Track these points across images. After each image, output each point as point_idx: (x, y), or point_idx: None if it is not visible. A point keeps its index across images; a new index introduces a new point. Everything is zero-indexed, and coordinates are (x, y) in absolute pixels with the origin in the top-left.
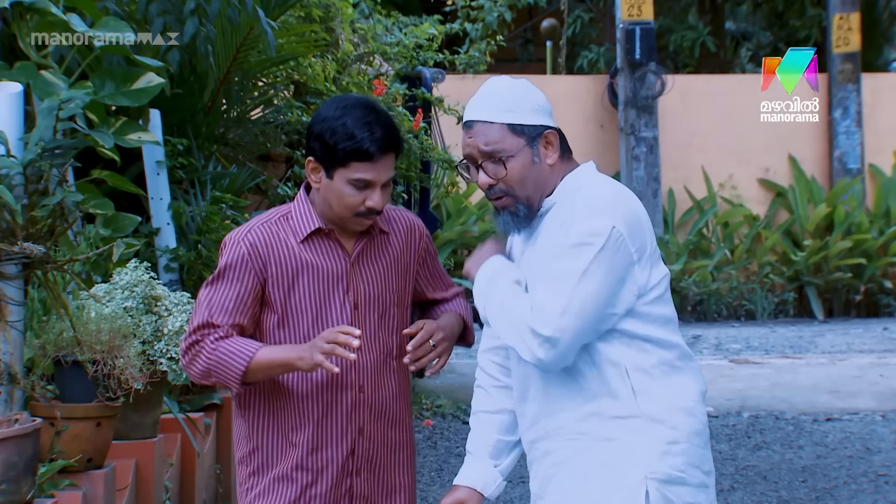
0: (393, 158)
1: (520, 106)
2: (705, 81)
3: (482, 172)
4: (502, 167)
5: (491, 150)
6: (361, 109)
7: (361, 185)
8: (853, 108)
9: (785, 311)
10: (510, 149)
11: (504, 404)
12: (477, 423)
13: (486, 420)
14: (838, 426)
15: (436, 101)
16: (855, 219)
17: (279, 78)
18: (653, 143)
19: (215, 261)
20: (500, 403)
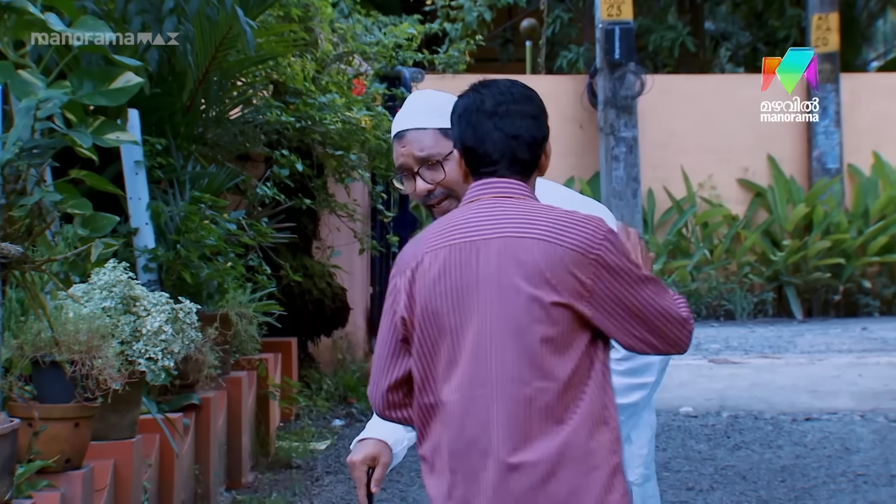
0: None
1: (448, 111)
2: (685, 81)
3: (419, 180)
4: (440, 170)
5: (427, 155)
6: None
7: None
8: (832, 108)
9: (764, 310)
10: (445, 151)
11: None
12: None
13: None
14: (817, 426)
15: None
16: (834, 219)
17: (258, 77)
18: (632, 143)
19: (194, 261)
20: None
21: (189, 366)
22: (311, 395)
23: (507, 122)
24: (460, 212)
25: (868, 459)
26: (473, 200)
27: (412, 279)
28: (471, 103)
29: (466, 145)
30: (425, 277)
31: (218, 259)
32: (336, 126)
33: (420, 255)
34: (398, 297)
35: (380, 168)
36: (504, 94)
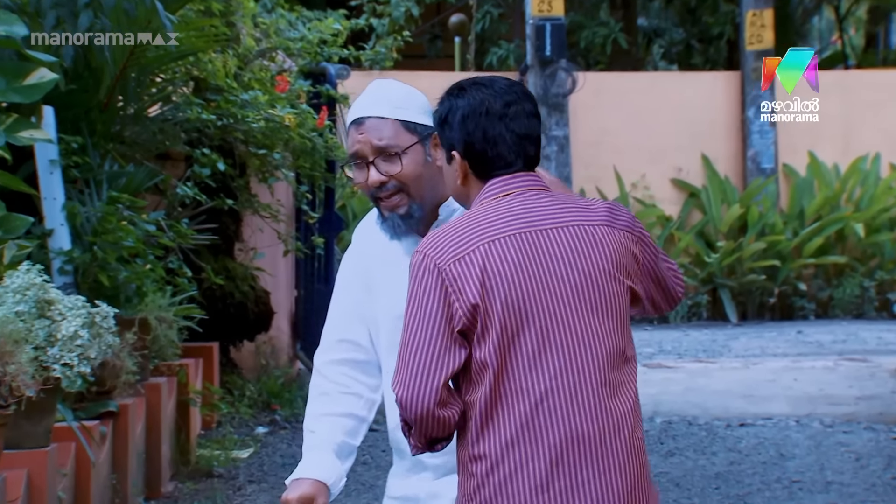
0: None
1: (410, 105)
2: (617, 79)
3: (373, 170)
4: (397, 163)
5: (385, 145)
6: None
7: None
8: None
9: (698, 314)
10: (404, 144)
11: (351, 409)
12: (321, 424)
13: (332, 421)
14: (752, 432)
15: (341, 99)
16: (769, 220)
17: (178, 74)
18: (563, 142)
19: (112, 263)
20: (347, 408)
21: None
22: (234, 402)
23: (517, 123)
24: (499, 205)
25: (803, 466)
26: (507, 194)
27: (483, 267)
28: (476, 105)
29: (476, 149)
30: (503, 264)
31: (136, 261)
32: (259, 124)
33: (474, 246)
34: (458, 286)
35: (304, 167)
36: (509, 94)
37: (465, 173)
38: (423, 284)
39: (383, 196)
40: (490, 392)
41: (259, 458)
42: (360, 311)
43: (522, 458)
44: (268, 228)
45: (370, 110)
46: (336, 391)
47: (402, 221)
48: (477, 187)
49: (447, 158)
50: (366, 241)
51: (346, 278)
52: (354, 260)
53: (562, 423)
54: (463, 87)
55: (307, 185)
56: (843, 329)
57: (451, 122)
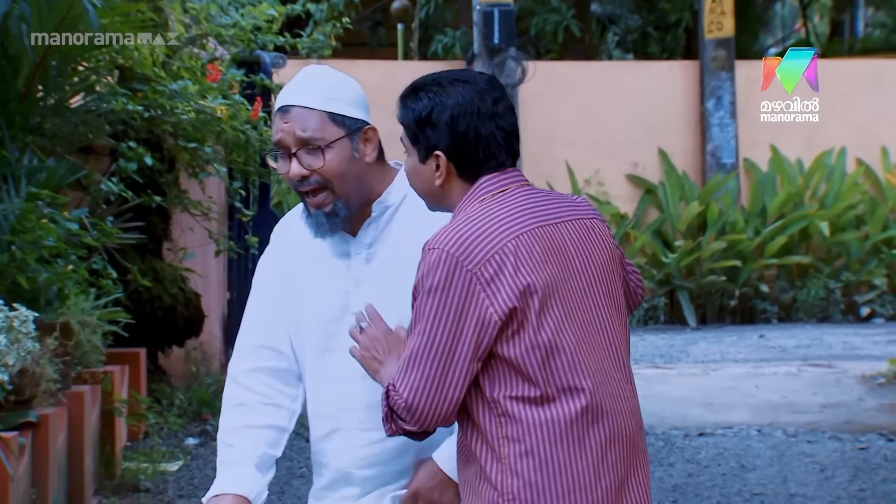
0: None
1: (341, 95)
2: (570, 68)
3: (295, 162)
4: (320, 157)
5: (308, 137)
6: None
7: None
8: (727, 97)
9: (655, 317)
10: (329, 137)
11: (273, 421)
12: (240, 436)
13: (253, 434)
14: (711, 441)
15: (276, 89)
16: (729, 217)
17: (102, 62)
18: None
19: (31, 264)
20: (268, 419)
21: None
22: (162, 412)
23: (505, 120)
24: (502, 200)
25: (765, 477)
26: (503, 191)
27: (516, 265)
28: (467, 104)
29: (467, 150)
30: (531, 260)
31: (58, 262)
32: (189, 116)
33: (502, 243)
34: (492, 289)
35: (238, 162)
36: (494, 90)
37: (447, 174)
38: (449, 287)
39: (306, 190)
40: (532, 389)
41: (189, 471)
42: (280, 315)
43: (571, 455)
44: (198, 227)
45: (297, 98)
46: (256, 402)
47: (326, 220)
48: (460, 188)
49: (421, 158)
50: (287, 240)
51: (264, 279)
52: (274, 260)
53: (606, 421)
54: (441, 82)
55: (240, 180)
56: (808, 333)
57: (438, 123)
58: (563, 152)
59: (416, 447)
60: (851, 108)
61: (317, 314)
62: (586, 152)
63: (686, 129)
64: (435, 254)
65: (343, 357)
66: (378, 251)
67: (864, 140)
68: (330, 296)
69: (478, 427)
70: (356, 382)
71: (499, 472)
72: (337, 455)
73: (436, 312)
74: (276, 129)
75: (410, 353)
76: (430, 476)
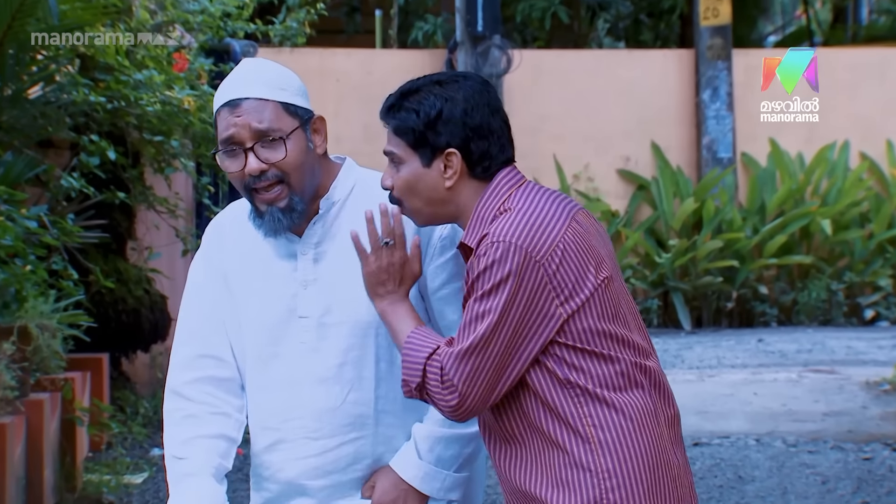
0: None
1: (289, 86)
2: (558, 57)
3: (252, 156)
4: (279, 149)
5: (266, 129)
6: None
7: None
8: (724, 88)
9: (648, 320)
10: (287, 129)
11: (223, 430)
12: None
13: (206, 444)
14: (707, 452)
15: None
16: (726, 215)
17: (62, 50)
18: None
19: None
20: (219, 429)
21: None
22: (126, 421)
23: (503, 112)
24: (532, 193)
25: (764, 490)
26: (520, 185)
27: (578, 254)
28: (478, 96)
29: (483, 145)
30: (587, 250)
31: (15, 262)
32: (154, 107)
33: (562, 233)
34: (559, 280)
35: (206, 156)
36: (489, 85)
37: (460, 173)
38: (521, 279)
39: (261, 187)
40: (607, 367)
41: (155, 483)
42: (219, 322)
43: (654, 429)
44: (165, 225)
45: (247, 90)
46: (204, 412)
47: (283, 216)
48: (471, 188)
49: (426, 161)
50: (221, 242)
51: (199, 284)
52: (208, 263)
53: (670, 398)
54: (439, 81)
55: (209, 176)
56: (809, 337)
57: (450, 118)
58: (551, 146)
59: (372, 454)
60: (855, 99)
61: (260, 319)
62: (575, 146)
63: (680, 121)
64: (502, 246)
65: (290, 363)
66: (327, 250)
67: (869, 133)
68: (275, 299)
69: (554, 411)
70: (304, 389)
71: (589, 452)
72: (283, 467)
73: (506, 305)
74: (226, 125)
75: (468, 346)
76: (392, 487)
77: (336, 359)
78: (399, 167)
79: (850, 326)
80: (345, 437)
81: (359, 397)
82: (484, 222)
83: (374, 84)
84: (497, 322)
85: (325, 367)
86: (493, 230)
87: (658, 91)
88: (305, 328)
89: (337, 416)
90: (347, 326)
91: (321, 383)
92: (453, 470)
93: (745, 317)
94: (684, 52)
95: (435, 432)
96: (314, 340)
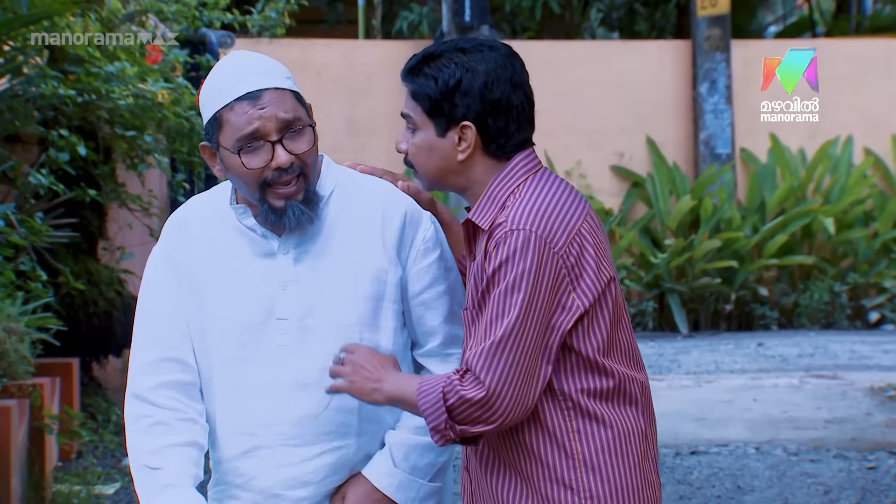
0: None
1: (290, 74)
2: (548, 48)
3: (281, 149)
4: (303, 139)
5: (292, 119)
6: None
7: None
8: (722, 81)
9: (643, 323)
10: (306, 119)
11: (193, 437)
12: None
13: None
14: (705, 460)
15: None
16: (724, 213)
17: (30, 41)
18: None
19: None
20: (190, 436)
21: None
22: (97, 428)
23: (529, 90)
24: (548, 180)
25: (764, 500)
26: (537, 170)
27: (595, 248)
28: (501, 69)
29: (500, 121)
30: (602, 244)
31: None
32: (127, 101)
33: (579, 223)
34: (576, 273)
35: (181, 152)
36: (518, 58)
37: (474, 148)
38: (542, 270)
39: (283, 181)
40: (603, 380)
41: (128, 493)
42: (182, 323)
43: (641, 448)
44: (138, 224)
45: (264, 81)
46: (174, 419)
47: (306, 208)
48: (484, 165)
49: (440, 131)
50: (185, 238)
51: (159, 283)
52: (170, 261)
53: (653, 417)
54: (463, 48)
55: (184, 172)
56: (811, 341)
57: (469, 90)
58: (542, 141)
59: (350, 465)
60: (859, 92)
61: (232, 320)
62: (567, 141)
63: (677, 115)
64: (522, 235)
65: (267, 366)
66: (308, 249)
67: (873, 128)
68: (250, 300)
69: (541, 423)
70: (283, 394)
71: (571, 468)
72: (259, 475)
73: (530, 296)
74: (248, 119)
75: (498, 340)
76: (364, 497)
77: (318, 363)
78: (414, 132)
79: (854, 329)
80: (326, 446)
81: (342, 404)
82: (496, 203)
83: (357, 76)
84: (523, 314)
85: (307, 371)
86: (510, 217)
87: (653, 84)
88: (284, 330)
89: (318, 423)
90: (331, 330)
91: (302, 388)
92: (427, 479)
93: (745, 319)
94: (681, 43)
95: (409, 440)
96: (294, 343)
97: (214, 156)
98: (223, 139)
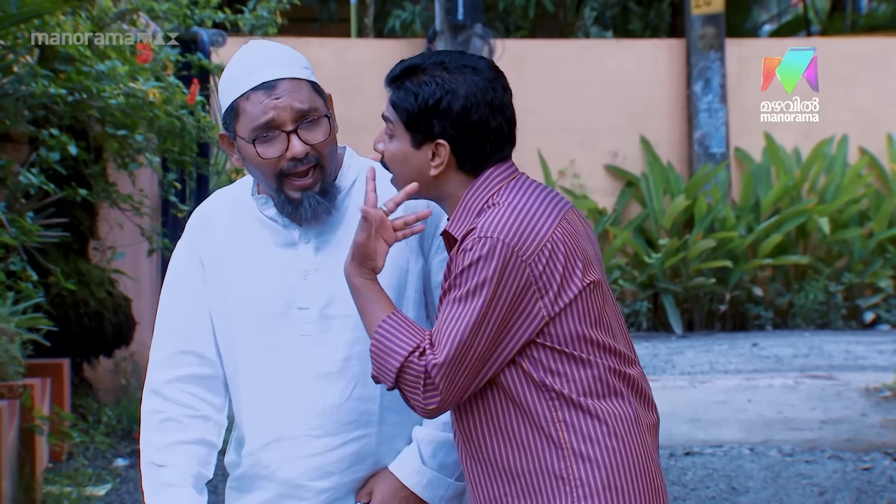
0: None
1: (308, 64)
2: (542, 47)
3: (296, 139)
4: (319, 129)
5: (308, 108)
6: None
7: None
8: (716, 80)
9: (637, 323)
10: (323, 110)
11: (203, 435)
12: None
13: (186, 451)
14: (699, 462)
15: (215, 70)
16: (719, 213)
17: (20, 40)
18: None
19: None
20: (199, 434)
21: None
22: (88, 430)
23: (510, 111)
24: (523, 188)
25: (758, 501)
26: (512, 177)
27: (566, 256)
28: (480, 94)
29: (477, 143)
30: (575, 250)
31: None
32: (118, 100)
33: (550, 231)
34: (544, 282)
35: (172, 151)
36: (502, 79)
37: (447, 165)
38: (504, 278)
39: (298, 171)
40: (585, 371)
41: (119, 495)
42: (204, 315)
43: (632, 435)
44: (129, 223)
45: (280, 71)
46: (184, 415)
47: (322, 199)
48: (457, 180)
49: (415, 144)
50: (209, 230)
51: (183, 275)
52: (193, 253)
53: (651, 406)
54: (446, 66)
55: (176, 172)
56: (806, 341)
57: (448, 112)
58: (535, 140)
59: (373, 455)
60: (854, 91)
61: (255, 310)
62: (560, 141)
63: (671, 114)
64: (489, 242)
65: (289, 357)
66: (329, 239)
67: (868, 127)
68: (272, 290)
69: (526, 414)
70: (305, 384)
71: (560, 458)
72: (282, 466)
73: (488, 303)
74: (264, 109)
75: (458, 345)
76: (392, 494)
77: (341, 353)
78: (391, 138)
79: (849, 330)
80: (348, 436)
81: (364, 393)
82: (471, 213)
83: (350, 75)
84: (479, 322)
85: (329, 361)
86: (480, 224)
87: (647, 83)
88: (306, 320)
89: (341, 413)
90: (352, 319)
91: (324, 378)
92: (455, 478)
93: (739, 320)
94: (675, 42)
95: (437, 437)
96: (316, 333)
97: (232, 145)
98: (240, 129)
